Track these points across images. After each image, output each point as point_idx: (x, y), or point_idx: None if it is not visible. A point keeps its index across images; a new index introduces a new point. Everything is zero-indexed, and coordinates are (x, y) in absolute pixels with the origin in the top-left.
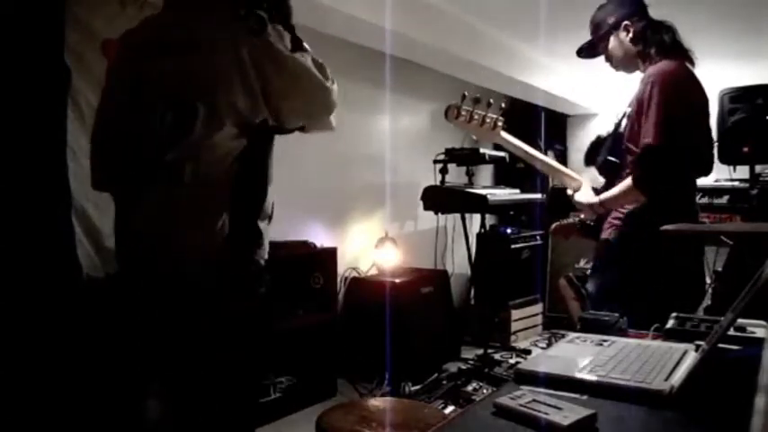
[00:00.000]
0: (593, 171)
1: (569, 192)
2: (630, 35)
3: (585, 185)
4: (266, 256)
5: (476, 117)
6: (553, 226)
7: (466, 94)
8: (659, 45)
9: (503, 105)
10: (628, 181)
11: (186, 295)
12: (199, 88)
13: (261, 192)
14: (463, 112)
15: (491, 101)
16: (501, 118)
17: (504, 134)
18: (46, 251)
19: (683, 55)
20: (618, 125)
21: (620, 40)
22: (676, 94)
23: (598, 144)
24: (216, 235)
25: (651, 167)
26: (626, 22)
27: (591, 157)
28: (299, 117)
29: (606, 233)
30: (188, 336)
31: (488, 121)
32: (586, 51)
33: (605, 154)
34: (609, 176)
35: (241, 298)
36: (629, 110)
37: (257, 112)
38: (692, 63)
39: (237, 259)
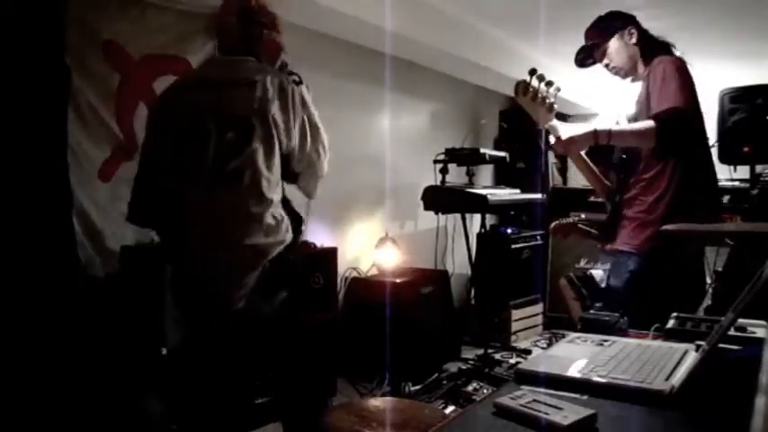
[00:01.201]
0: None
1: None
2: (634, 39)
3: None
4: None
5: (539, 96)
6: (553, 224)
7: (536, 69)
8: (659, 50)
9: (559, 89)
10: (650, 125)
11: (241, 293)
12: (254, 110)
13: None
14: (530, 90)
15: (552, 81)
16: (555, 102)
17: (554, 120)
18: (46, 251)
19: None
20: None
21: (624, 42)
22: (687, 75)
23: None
24: (280, 234)
25: (679, 128)
26: (630, 27)
27: (592, 157)
28: (302, 161)
29: (632, 241)
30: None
31: (547, 102)
32: (583, 57)
33: (620, 152)
34: (623, 174)
35: (286, 287)
36: (636, 109)
37: (289, 143)
38: None
39: (295, 259)
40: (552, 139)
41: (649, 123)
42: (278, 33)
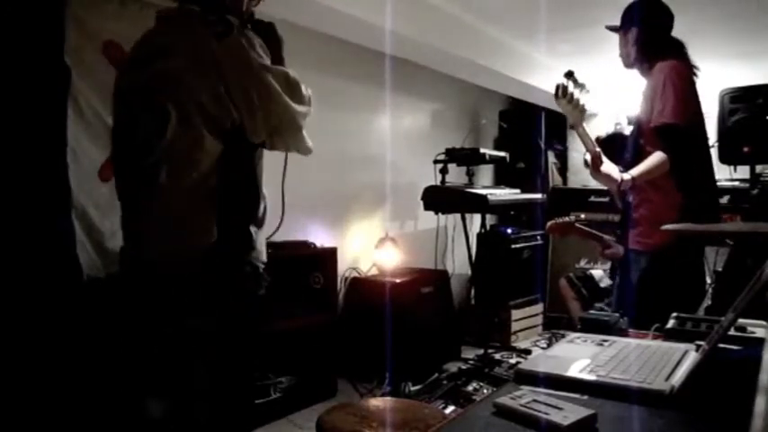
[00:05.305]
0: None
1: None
2: (632, 41)
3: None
4: (264, 259)
5: (574, 99)
6: (549, 223)
7: (572, 72)
8: (659, 57)
9: (589, 91)
10: (660, 155)
11: (168, 295)
12: (168, 91)
13: (250, 197)
14: (568, 93)
15: (584, 83)
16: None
17: (584, 123)
18: (46, 251)
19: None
20: (637, 124)
21: (626, 40)
22: (689, 83)
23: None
24: (199, 236)
25: (679, 144)
26: (637, 28)
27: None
28: (259, 129)
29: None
30: (180, 336)
31: (580, 105)
32: (613, 29)
33: (628, 154)
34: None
35: (235, 298)
36: (640, 111)
37: (226, 115)
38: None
39: (228, 262)
40: (576, 136)
41: (660, 157)
42: None
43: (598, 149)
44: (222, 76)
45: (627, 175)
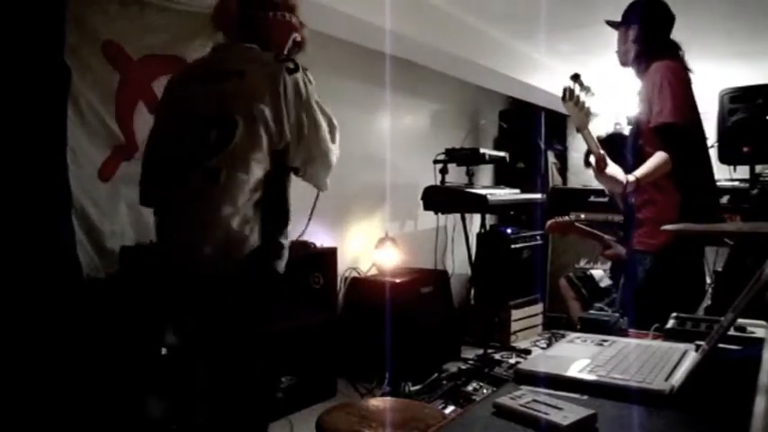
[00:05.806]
0: (590, 172)
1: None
2: (631, 39)
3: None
4: (282, 269)
5: (580, 102)
6: (549, 223)
7: (579, 74)
8: (656, 56)
9: (594, 94)
10: (662, 155)
11: (207, 293)
12: (239, 105)
13: (284, 212)
14: (575, 96)
15: (589, 86)
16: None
17: (590, 128)
18: (46, 251)
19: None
20: (636, 125)
21: (626, 37)
22: (685, 83)
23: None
24: (244, 238)
25: (679, 143)
26: (638, 26)
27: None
28: (298, 155)
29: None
30: (201, 336)
31: (585, 108)
32: (612, 25)
33: (631, 153)
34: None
35: (235, 298)
36: (639, 109)
37: (281, 137)
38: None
39: (262, 267)
40: (581, 140)
41: (662, 157)
42: (290, 11)
43: (602, 152)
44: (286, 103)
45: (631, 177)
